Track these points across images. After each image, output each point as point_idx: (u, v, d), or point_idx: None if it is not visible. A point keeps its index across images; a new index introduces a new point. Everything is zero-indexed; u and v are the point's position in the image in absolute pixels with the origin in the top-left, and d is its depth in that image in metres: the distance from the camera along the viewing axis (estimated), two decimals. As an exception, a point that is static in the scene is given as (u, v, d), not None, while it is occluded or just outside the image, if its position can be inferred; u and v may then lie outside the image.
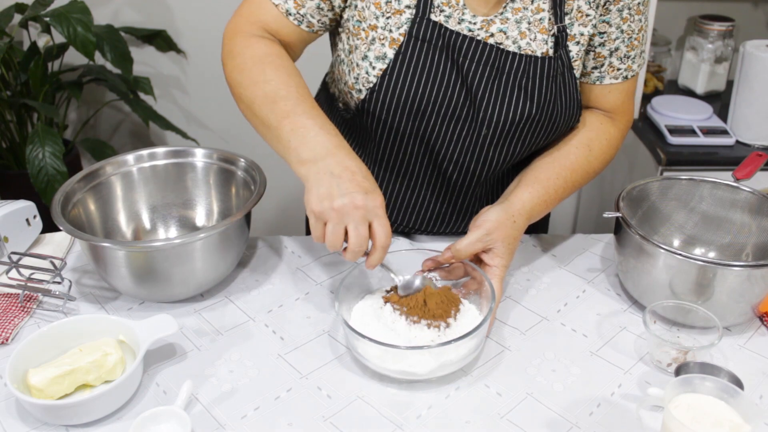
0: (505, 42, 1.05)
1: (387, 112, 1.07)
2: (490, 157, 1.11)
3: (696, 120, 2.05)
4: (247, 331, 1.02)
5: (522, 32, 1.05)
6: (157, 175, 1.20)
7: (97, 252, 1.00)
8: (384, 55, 1.04)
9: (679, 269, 0.99)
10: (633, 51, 1.12)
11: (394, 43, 1.04)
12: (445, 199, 1.18)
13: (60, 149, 2.03)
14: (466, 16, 1.04)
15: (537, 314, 1.07)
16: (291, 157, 0.96)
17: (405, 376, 0.91)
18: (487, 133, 1.08)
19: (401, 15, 1.03)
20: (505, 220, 1.03)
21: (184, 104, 2.54)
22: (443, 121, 1.07)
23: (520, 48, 1.05)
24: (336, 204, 0.89)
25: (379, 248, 0.92)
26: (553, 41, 1.06)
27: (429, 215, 1.21)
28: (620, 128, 1.18)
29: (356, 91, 1.08)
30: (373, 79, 1.05)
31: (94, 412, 0.86)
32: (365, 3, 1.04)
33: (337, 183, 0.91)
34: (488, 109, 1.06)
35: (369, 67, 1.05)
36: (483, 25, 1.04)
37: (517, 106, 1.06)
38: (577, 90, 1.11)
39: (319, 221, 0.91)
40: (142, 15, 2.37)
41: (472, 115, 1.06)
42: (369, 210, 0.90)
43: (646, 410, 0.89)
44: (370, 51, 1.05)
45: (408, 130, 1.09)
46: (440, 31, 1.03)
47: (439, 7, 1.03)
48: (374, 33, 1.04)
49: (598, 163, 1.16)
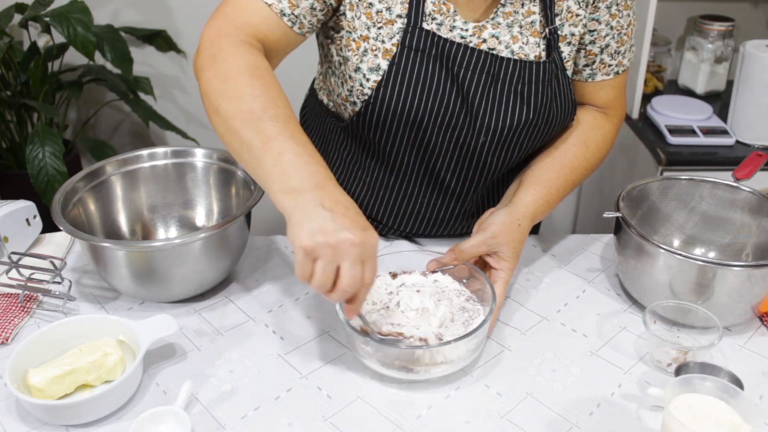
0: (497, 47, 1.04)
1: (383, 123, 1.06)
2: (488, 163, 1.11)
3: (696, 120, 2.05)
4: (247, 331, 1.02)
5: (514, 36, 1.04)
6: (157, 175, 1.20)
7: (97, 252, 1.00)
8: (378, 67, 1.03)
9: (679, 269, 0.99)
10: (623, 46, 1.12)
11: (388, 54, 1.02)
12: (443, 204, 1.18)
13: (60, 149, 2.03)
14: (458, 23, 1.03)
15: (537, 314, 1.07)
16: (273, 185, 0.85)
17: (404, 375, 0.91)
18: (485, 140, 1.07)
19: (393, 25, 1.02)
20: (510, 224, 1.03)
21: (184, 104, 2.54)
22: (440, 130, 1.06)
23: (513, 52, 1.05)
24: (332, 240, 0.80)
25: (365, 289, 0.85)
26: (545, 44, 1.06)
27: (428, 220, 1.20)
28: (614, 123, 1.19)
29: (350, 103, 1.07)
30: (367, 91, 1.04)
31: (94, 412, 0.86)
32: (355, 13, 1.02)
33: (330, 217, 0.81)
34: (485, 116, 1.05)
35: (363, 79, 1.04)
36: (475, 31, 1.03)
37: (514, 112, 1.05)
38: (571, 90, 1.11)
39: (309, 258, 0.81)
40: (142, 15, 2.37)
41: (469, 123, 1.05)
42: (366, 249, 0.81)
43: (646, 410, 0.89)
44: (362, 63, 1.03)
45: (405, 140, 1.08)
46: (433, 39, 1.02)
47: (430, 15, 1.02)
48: (366, 44, 1.03)
49: (595, 159, 1.16)
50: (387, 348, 0.89)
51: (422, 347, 0.89)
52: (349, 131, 1.14)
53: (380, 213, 1.22)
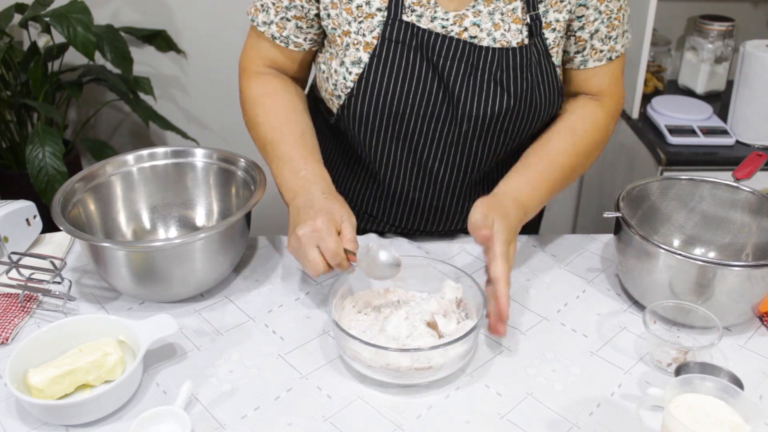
0: (479, 35, 1.05)
1: (367, 116, 1.08)
2: (474, 152, 1.12)
3: (696, 120, 2.05)
4: (247, 331, 1.02)
5: (496, 24, 1.05)
6: (157, 175, 1.20)
7: (97, 252, 1.00)
8: (359, 60, 1.05)
9: (679, 269, 0.99)
10: (614, 31, 1.11)
11: (369, 47, 1.04)
12: (435, 196, 1.18)
13: (60, 149, 2.02)
14: (438, 13, 1.04)
15: (537, 314, 1.07)
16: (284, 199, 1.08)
17: (393, 379, 0.91)
18: (467, 128, 1.08)
19: (373, 18, 1.03)
20: (488, 199, 1.03)
21: (184, 104, 2.54)
22: (423, 120, 1.08)
23: (495, 40, 1.05)
24: (300, 232, 0.96)
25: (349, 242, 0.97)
26: (528, 30, 1.06)
27: (421, 214, 1.21)
28: (608, 110, 1.17)
29: (336, 97, 1.10)
30: (350, 84, 1.06)
31: (94, 412, 0.86)
32: (338, 10, 1.05)
33: (300, 214, 0.99)
34: (466, 105, 1.06)
35: (346, 72, 1.06)
36: (456, 20, 1.04)
37: (495, 99, 1.06)
38: (557, 77, 1.11)
39: (299, 257, 0.98)
40: (142, 15, 2.37)
41: (451, 112, 1.07)
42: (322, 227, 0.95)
43: (646, 410, 0.89)
44: (345, 57, 1.06)
45: (390, 131, 1.10)
46: (413, 31, 1.03)
47: (410, 7, 1.03)
48: (348, 39, 1.05)
49: (585, 145, 1.13)
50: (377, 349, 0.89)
51: (410, 350, 0.88)
52: (339, 126, 1.16)
53: (375, 208, 1.23)
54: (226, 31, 2.37)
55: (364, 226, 1.26)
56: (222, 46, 2.39)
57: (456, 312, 0.99)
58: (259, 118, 1.12)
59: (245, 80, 1.17)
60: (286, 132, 1.10)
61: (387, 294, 1.03)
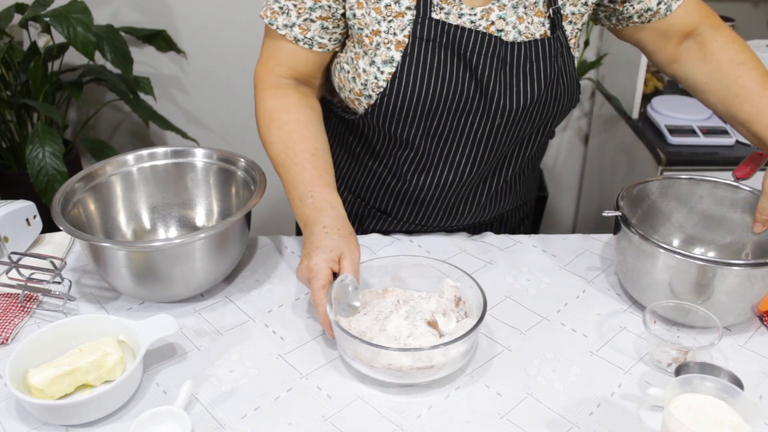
0: (505, 28, 1.06)
1: (399, 113, 1.09)
2: (498, 142, 1.14)
3: (696, 120, 2.05)
4: (247, 331, 1.02)
5: (520, 17, 1.07)
6: (157, 175, 1.20)
7: (97, 252, 1.00)
8: (391, 59, 1.05)
9: (679, 269, 0.99)
10: None
11: (400, 46, 1.05)
12: (449, 191, 1.19)
13: (60, 149, 2.03)
14: (465, 9, 1.05)
15: (537, 314, 1.07)
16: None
17: (395, 379, 0.91)
18: (500, 122, 1.10)
19: (403, 17, 1.04)
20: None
21: (184, 104, 2.54)
22: (455, 115, 1.09)
23: (520, 33, 1.07)
24: (299, 266, 1.01)
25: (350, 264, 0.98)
26: (549, 23, 1.08)
27: (432, 209, 1.21)
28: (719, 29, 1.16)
29: (365, 97, 1.10)
30: (383, 83, 1.07)
31: (94, 412, 0.86)
32: (365, 10, 1.05)
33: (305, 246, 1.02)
34: (500, 98, 1.08)
35: (377, 72, 1.06)
36: (483, 14, 1.05)
37: (525, 91, 1.08)
38: (575, 70, 1.14)
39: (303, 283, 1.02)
40: (142, 15, 2.37)
41: (484, 106, 1.08)
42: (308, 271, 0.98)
43: (646, 410, 0.89)
44: (376, 56, 1.06)
45: (421, 128, 1.11)
46: (443, 27, 1.04)
47: (438, 5, 1.04)
48: (378, 38, 1.05)
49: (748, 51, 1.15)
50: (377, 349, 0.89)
51: (409, 350, 0.88)
52: (360, 124, 1.16)
53: (388, 204, 1.24)
54: (226, 31, 2.37)
55: (370, 224, 1.27)
56: (222, 46, 2.39)
57: (455, 311, 0.99)
58: (272, 137, 1.10)
59: (261, 92, 1.14)
60: (297, 151, 1.08)
61: (386, 294, 1.03)
